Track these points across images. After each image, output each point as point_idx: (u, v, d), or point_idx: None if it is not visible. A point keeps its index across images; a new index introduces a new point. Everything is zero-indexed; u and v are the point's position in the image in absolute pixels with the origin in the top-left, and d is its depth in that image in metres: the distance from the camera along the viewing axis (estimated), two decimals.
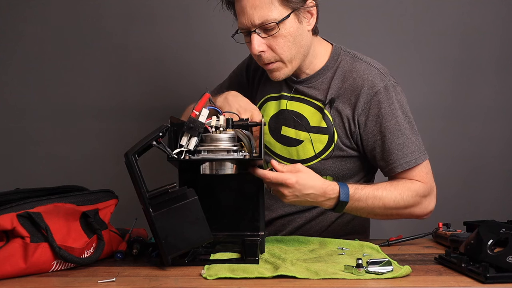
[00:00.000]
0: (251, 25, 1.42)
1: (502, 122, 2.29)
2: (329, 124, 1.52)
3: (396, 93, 1.50)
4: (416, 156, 1.48)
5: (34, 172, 2.25)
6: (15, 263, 1.11)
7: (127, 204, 1.53)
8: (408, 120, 1.51)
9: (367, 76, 1.50)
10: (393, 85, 1.51)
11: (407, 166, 1.47)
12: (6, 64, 2.28)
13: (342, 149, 1.53)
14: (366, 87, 1.48)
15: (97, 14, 2.27)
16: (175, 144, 1.26)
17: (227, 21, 1.57)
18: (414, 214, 1.48)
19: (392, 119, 1.48)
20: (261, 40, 1.43)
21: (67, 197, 1.24)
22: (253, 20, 1.41)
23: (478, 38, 2.27)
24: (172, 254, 1.18)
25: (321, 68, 1.56)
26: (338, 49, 1.58)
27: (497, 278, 1.06)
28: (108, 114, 2.28)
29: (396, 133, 1.48)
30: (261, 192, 1.35)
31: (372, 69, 1.52)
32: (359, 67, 1.52)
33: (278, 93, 1.63)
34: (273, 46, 1.44)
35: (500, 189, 2.29)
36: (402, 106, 1.51)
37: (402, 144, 1.48)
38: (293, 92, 1.59)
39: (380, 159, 1.51)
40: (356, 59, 1.55)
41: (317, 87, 1.56)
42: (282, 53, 1.45)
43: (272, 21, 1.40)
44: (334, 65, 1.55)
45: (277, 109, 1.63)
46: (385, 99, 1.48)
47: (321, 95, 1.54)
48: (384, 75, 1.51)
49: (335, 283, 1.08)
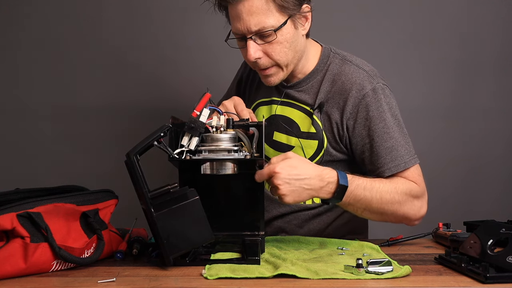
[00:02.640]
0: (247, 32, 1.39)
1: (502, 122, 2.29)
2: (318, 129, 1.51)
3: (385, 96, 1.47)
4: (406, 160, 1.44)
5: (34, 172, 2.25)
6: (15, 263, 1.11)
7: (127, 204, 1.53)
8: (397, 123, 1.47)
9: (355, 79, 1.48)
10: (382, 87, 1.48)
11: (396, 170, 1.44)
12: (6, 64, 2.28)
13: (332, 154, 1.52)
14: (354, 90, 1.46)
15: (97, 14, 2.27)
16: (176, 144, 1.26)
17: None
18: (408, 215, 1.42)
19: (380, 122, 1.45)
20: (257, 46, 1.41)
21: (67, 197, 1.24)
22: (250, 27, 1.37)
23: (478, 38, 2.27)
24: (173, 254, 1.18)
25: (311, 71, 1.54)
26: (327, 50, 1.56)
27: (497, 278, 1.06)
28: (108, 114, 2.28)
29: (385, 136, 1.44)
30: (261, 192, 1.35)
31: (360, 71, 1.49)
32: (347, 70, 1.50)
33: (268, 97, 1.62)
34: (269, 52, 1.42)
35: (500, 189, 2.29)
36: (392, 108, 1.48)
37: (391, 148, 1.44)
38: (283, 96, 1.57)
39: (368, 163, 1.48)
40: (345, 62, 1.53)
41: (307, 91, 1.54)
42: (279, 59, 1.43)
43: (270, 28, 1.37)
44: (323, 68, 1.53)
45: (268, 114, 1.61)
46: (373, 102, 1.46)
47: (310, 99, 1.53)
48: (372, 78, 1.49)
49: (335, 283, 1.08)
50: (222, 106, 1.39)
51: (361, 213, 1.41)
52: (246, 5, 1.36)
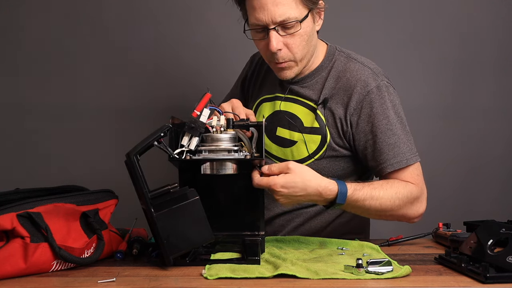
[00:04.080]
0: (270, 22, 1.40)
1: (502, 122, 2.29)
2: (322, 124, 1.52)
3: (389, 94, 1.49)
4: (408, 157, 1.46)
5: (34, 172, 2.25)
6: (15, 263, 1.11)
7: (127, 204, 1.53)
8: (400, 121, 1.49)
9: (360, 76, 1.49)
10: (386, 85, 1.50)
11: (398, 166, 1.46)
12: (6, 64, 2.28)
13: (335, 149, 1.53)
14: (358, 87, 1.48)
15: (98, 14, 2.27)
16: (176, 144, 1.26)
17: (228, 21, 1.57)
18: (407, 215, 1.45)
19: (384, 119, 1.47)
20: (279, 38, 1.42)
21: (67, 197, 1.24)
22: (274, 17, 1.39)
23: (478, 38, 2.27)
24: (173, 254, 1.18)
25: (316, 68, 1.56)
26: (333, 49, 1.58)
27: (497, 278, 1.06)
28: (108, 114, 2.28)
29: (388, 133, 1.46)
30: (261, 192, 1.35)
31: (365, 69, 1.51)
32: (352, 67, 1.52)
33: (272, 94, 1.63)
34: (289, 44, 1.44)
35: (500, 189, 2.29)
36: (395, 106, 1.50)
37: (394, 144, 1.46)
38: (287, 92, 1.59)
39: (371, 159, 1.49)
40: (350, 59, 1.54)
41: (311, 87, 1.56)
42: (297, 52, 1.45)
43: (294, 19, 1.40)
44: (328, 65, 1.55)
45: (272, 110, 1.62)
46: (377, 99, 1.47)
47: (315, 95, 1.54)
48: (377, 75, 1.50)
49: (335, 283, 1.08)
50: (221, 108, 1.39)
51: (360, 214, 1.46)
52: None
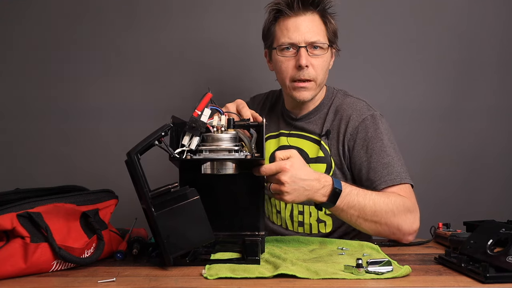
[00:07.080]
0: (303, 41, 1.56)
1: (502, 122, 2.29)
2: (326, 153, 1.63)
3: (382, 122, 1.61)
4: (402, 176, 1.50)
5: (34, 172, 2.25)
6: (15, 263, 1.11)
7: (127, 204, 1.53)
8: (393, 147, 1.57)
9: (356, 106, 1.64)
10: (380, 116, 1.62)
11: (391, 183, 1.49)
12: (6, 64, 2.28)
13: (339, 177, 1.60)
14: (354, 115, 1.61)
15: (98, 14, 2.27)
16: (177, 144, 1.26)
17: (229, 21, 1.57)
18: (402, 228, 1.42)
19: (377, 142, 1.56)
20: (308, 56, 1.57)
21: (67, 197, 1.24)
22: (307, 37, 1.57)
23: (478, 38, 2.27)
24: (174, 253, 1.18)
25: (318, 105, 1.69)
26: (331, 88, 1.73)
27: (497, 278, 1.06)
28: (108, 114, 2.27)
29: (382, 154, 1.54)
30: (261, 192, 1.35)
31: (360, 102, 1.66)
32: (349, 100, 1.67)
33: (276, 131, 1.75)
34: (315, 65, 1.58)
35: (500, 189, 2.29)
36: (388, 133, 1.60)
37: (387, 164, 1.52)
38: (292, 129, 1.70)
39: (366, 179, 1.54)
40: (347, 96, 1.70)
41: (315, 122, 1.68)
42: (319, 74, 1.60)
43: (325, 42, 1.58)
44: (329, 102, 1.70)
45: (277, 145, 1.72)
46: (371, 125, 1.59)
47: (318, 129, 1.67)
48: (371, 107, 1.65)
49: (335, 283, 1.08)
50: (225, 109, 1.40)
51: (355, 221, 1.40)
52: (307, 19, 1.58)
